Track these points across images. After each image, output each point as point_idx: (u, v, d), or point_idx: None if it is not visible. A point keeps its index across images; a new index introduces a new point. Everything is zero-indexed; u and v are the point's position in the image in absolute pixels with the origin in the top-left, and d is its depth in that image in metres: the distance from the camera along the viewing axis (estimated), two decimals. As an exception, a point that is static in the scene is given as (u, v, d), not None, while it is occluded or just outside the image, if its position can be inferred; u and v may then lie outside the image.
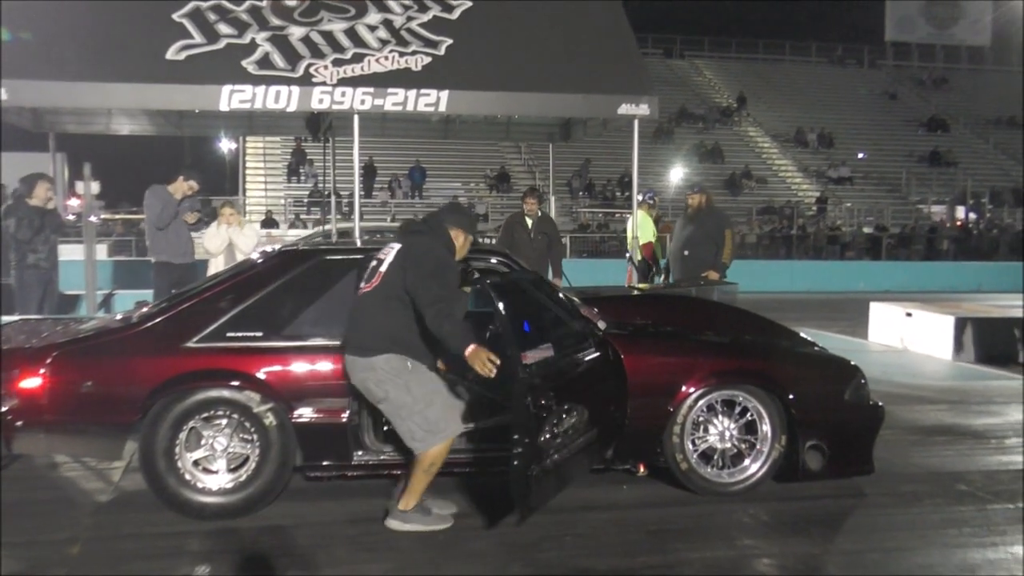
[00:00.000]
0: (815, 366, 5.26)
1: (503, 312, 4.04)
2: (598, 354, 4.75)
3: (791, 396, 4.86)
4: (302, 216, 26.16)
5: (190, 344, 4.56)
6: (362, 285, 4.43)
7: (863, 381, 5.10)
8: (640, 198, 11.13)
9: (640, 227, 10.67)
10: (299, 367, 4.59)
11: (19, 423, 4.40)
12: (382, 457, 4.70)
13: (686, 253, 9.35)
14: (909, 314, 10.48)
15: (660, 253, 11.42)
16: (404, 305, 4.23)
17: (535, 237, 9.15)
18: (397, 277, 4.25)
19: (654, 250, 11.22)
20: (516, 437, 3.88)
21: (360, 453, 4.67)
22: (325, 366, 4.60)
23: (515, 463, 3.88)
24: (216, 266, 8.13)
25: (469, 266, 4.76)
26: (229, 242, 8.35)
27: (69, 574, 3.90)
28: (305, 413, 4.54)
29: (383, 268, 4.33)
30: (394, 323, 4.25)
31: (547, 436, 4.12)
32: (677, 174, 30.10)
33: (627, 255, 10.78)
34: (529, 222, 9.15)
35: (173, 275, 8.37)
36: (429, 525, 4.35)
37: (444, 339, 4.08)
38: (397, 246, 4.39)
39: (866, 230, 28.58)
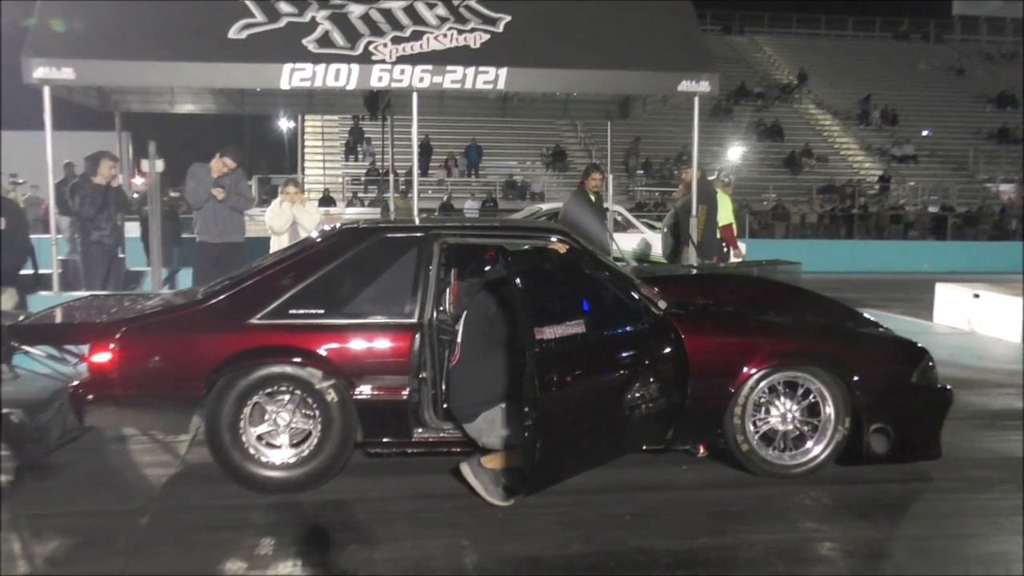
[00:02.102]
0: (880, 348, 5.15)
1: (519, 287, 4.09)
2: (647, 332, 4.69)
3: (855, 378, 4.78)
4: (359, 194, 26.34)
5: (253, 321, 4.62)
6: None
7: (931, 363, 4.98)
8: (714, 176, 10.99)
9: (720, 208, 10.04)
10: (360, 344, 4.63)
11: (90, 396, 4.52)
12: (442, 434, 4.74)
13: (664, 230, 9.93)
14: (977, 295, 10.23)
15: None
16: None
17: (602, 212, 9.65)
18: None
19: (734, 232, 10.40)
20: (526, 410, 3.96)
21: (420, 430, 4.71)
22: (385, 343, 4.64)
23: (525, 435, 3.95)
24: (279, 244, 8.14)
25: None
26: (293, 220, 8.41)
27: (138, 543, 4.00)
28: (365, 390, 4.58)
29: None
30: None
31: (565, 413, 4.12)
32: (735, 152, 29.65)
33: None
34: (593, 198, 9.34)
35: (211, 254, 8.36)
36: (490, 494, 4.37)
37: None
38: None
39: (931, 209, 27.88)
